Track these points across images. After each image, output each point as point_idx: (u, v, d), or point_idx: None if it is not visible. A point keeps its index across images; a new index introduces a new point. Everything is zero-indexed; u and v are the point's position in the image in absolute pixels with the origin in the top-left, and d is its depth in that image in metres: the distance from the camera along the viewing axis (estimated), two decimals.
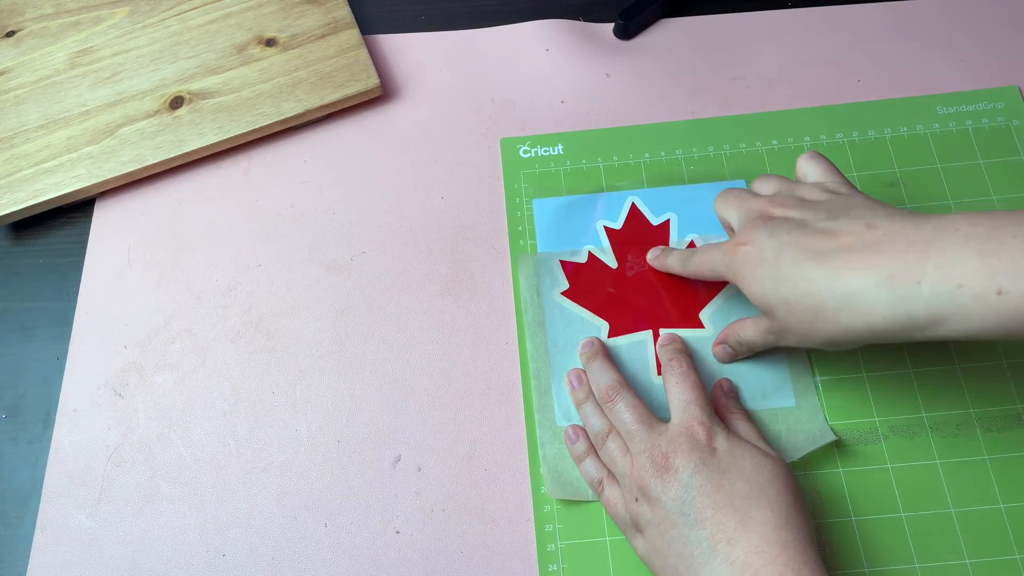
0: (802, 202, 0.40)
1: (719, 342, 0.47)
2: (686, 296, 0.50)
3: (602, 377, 0.45)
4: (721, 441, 0.40)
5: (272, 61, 0.58)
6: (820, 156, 0.44)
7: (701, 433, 0.40)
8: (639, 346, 0.48)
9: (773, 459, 0.40)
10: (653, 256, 0.50)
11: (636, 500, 0.40)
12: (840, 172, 0.43)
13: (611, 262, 0.51)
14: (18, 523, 0.46)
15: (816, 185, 0.42)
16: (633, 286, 0.50)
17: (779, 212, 0.40)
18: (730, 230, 0.44)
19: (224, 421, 0.48)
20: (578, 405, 0.46)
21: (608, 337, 0.49)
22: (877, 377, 0.47)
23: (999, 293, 0.33)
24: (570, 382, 0.47)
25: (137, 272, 0.53)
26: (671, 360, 0.45)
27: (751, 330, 0.44)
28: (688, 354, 0.46)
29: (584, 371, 0.47)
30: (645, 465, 0.40)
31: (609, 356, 0.47)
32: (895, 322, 0.36)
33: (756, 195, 0.43)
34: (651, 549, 0.40)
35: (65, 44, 0.60)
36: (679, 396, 0.43)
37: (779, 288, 0.38)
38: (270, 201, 0.55)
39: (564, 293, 0.50)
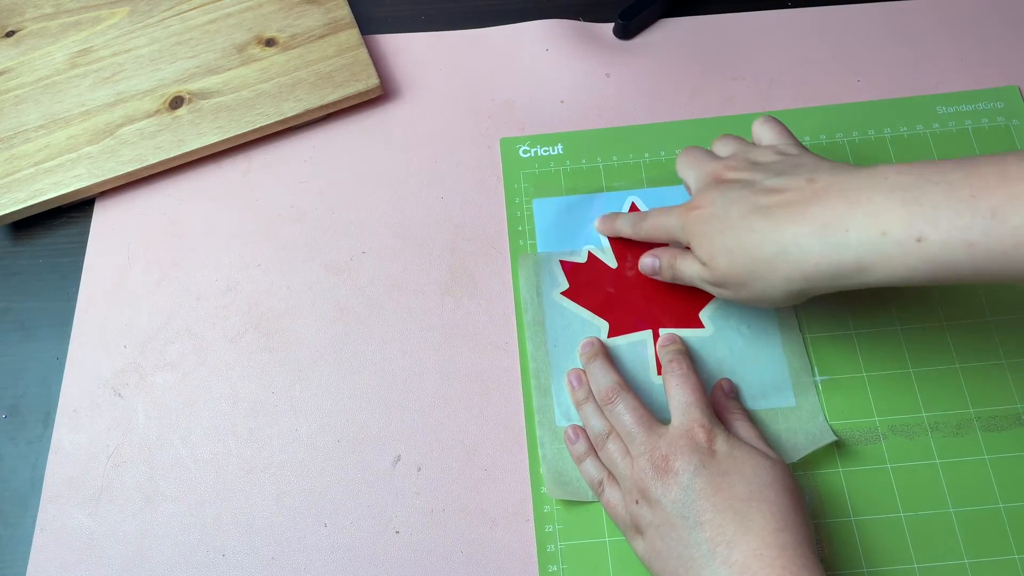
0: (754, 164, 0.42)
1: (652, 254, 0.47)
2: (686, 296, 0.50)
3: (602, 378, 0.45)
4: (721, 443, 0.40)
5: (272, 61, 0.58)
6: (773, 120, 0.46)
7: (701, 435, 0.40)
8: (639, 346, 0.48)
9: (773, 461, 0.40)
10: (599, 222, 0.51)
11: (636, 502, 0.40)
12: (792, 135, 0.45)
13: (611, 262, 0.51)
14: (18, 523, 0.46)
15: (769, 147, 0.43)
16: (633, 286, 0.50)
17: (731, 175, 0.42)
18: (689, 190, 0.46)
19: (224, 421, 0.48)
20: (578, 406, 0.46)
21: (608, 337, 0.49)
22: (877, 377, 0.47)
23: (919, 240, 0.34)
24: (570, 382, 0.47)
25: (137, 272, 0.53)
26: (671, 362, 0.45)
27: (690, 268, 0.44)
28: (688, 355, 0.46)
29: (584, 371, 0.47)
30: (645, 467, 0.40)
31: (609, 357, 0.47)
32: (826, 269, 0.37)
33: (713, 158, 0.45)
34: (651, 551, 0.40)
35: (65, 44, 0.59)
36: (679, 398, 0.43)
37: (724, 237, 0.40)
38: (270, 201, 0.55)
39: (564, 293, 0.50)
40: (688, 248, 0.43)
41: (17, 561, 0.45)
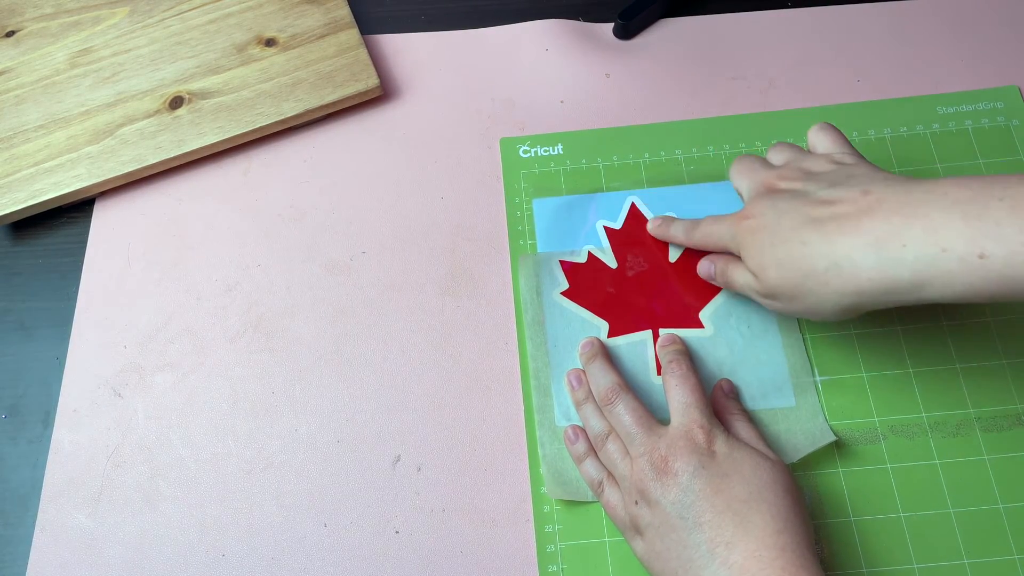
0: (807, 174, 0.41)
1: (709, 259, 0.47)
2: (686, 296, 0.50)
3: (602, 378, 0.45)
4: (721, 444, 0.40)
5: (272, 61, 0.58)
6: (830, 127, 0.45)
7: (700, 436, 0.40)
8: (639, 346, 0.48)
9: (773, 462, 0.40)
10: (655, 225, 0.51)
11: (636, 502, 0.40)
12: (848, 143, 0.44)
13: (611, 262, 0.51)
14: (18, 523, 0.46)
15: (824, 156, 0.43)
16: (633, 286, 0.50)
17: (784, 185, 0.41)
18: (743, 198, 0.45)
19: (224, 421, 0.48)
20: (578, 406, 0.46)
21: (608, 337, 0.49)
22: (877, 377, 0.47)
23: (981, 257, 0.33)
24: (570, 382, 0.47)
25: (137, 272, 0.53)
26: (671, 362, 0.45)
27: (741, 277, 0.43)
28: (688, 356, 0.46)
29: (584, 371, 0.47)
30: (645, 468, 0.40)
31: (609, 357, 0.47)
32: (880, 285, 0.36)
33: (766, 166, 0.44)
34: (650, 551, 0.40)
35: (65, 44, 0.60)
36: (679, 398, 0.43)
37: (776, 250, 0.39)
38: (270, 201, 0.55)
39: (564, 293, 0.50)
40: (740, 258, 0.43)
41: (17, 561, 0.45)
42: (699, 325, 0.49)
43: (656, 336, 0.49)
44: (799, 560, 0.36)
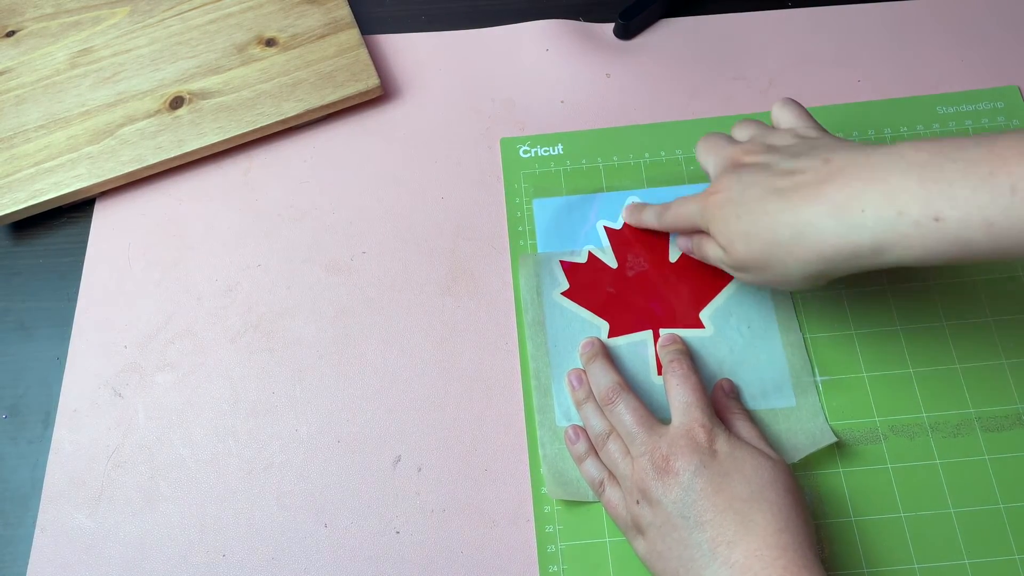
0: (771, 148, 0.42)
1: (686, 235, 0.47)
2: (686, 296, 0.50)
3: (602, 378, 0.45)
4: (722, 443, 0.40)
5: (272, 61, 0.58)
6: (792, 102, 0.45)
7: (702, 435, 0.40)
8: (639, 346, 0.48)
9: (774, 461, 0.40)
10: (628, 213, 0.51)
11: (637, 502, 0.40)
12: (811, 117, 0.44)
13: (611, 262, 0.51)
14: (18, 523, 0.46)
15: (787, 131, 0.43)
16: (633, 286, 0.50)
17: (748, 159, 0.42)
18: (709, 176, 0.45)
19: (224, 421, 0.48)
20: (578, 405, 0.46)
21: (608, 337, 0.49)
22: (877, 377, 0.47)
23: (937, 219, 0.34)
24: (570, 382, 0.47)
25: (137, 272, 0.53)
26: (672, 362, 0.45)
27: (713, 251, 0.44)
28: (689, 355, 0.46)
29: (584, 371, 0.47)
30: (646, 467, 0.40)
31: (609, 357, 0.47)
32: (844, 250, 0.36)
33: (731, 142, 0.44)
34: (652, 551, 0.40)
35: (65, 44, 0.59)
36: (680, 398, 0.43)
37: (741, 222, 0.40)
38: (270, 201, 0.55)
39: (564, 293, 0.50)
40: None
41: (17, 561, 0.45)
42: (699, 325, 0.49)
43: (656, 336, 0.49)
44: (800, 559, 0.36)
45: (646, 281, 0.50)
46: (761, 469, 0.39)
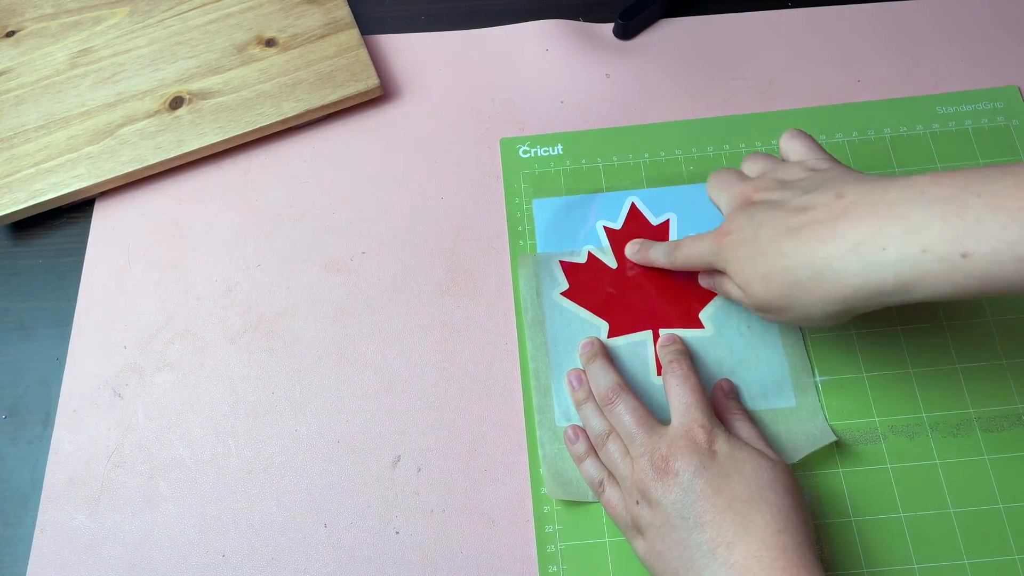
0: (782, 183, 0.41)
1: (707, 274, 0.46)
2: (686, 296, 0.50)
3: (602, 379, 0.45)
4: (722, 444, 0.40)
5: (272, 61, 0.58)
6: (801, 133, 0.45)
7: (701, 436, 0.40)
8: (639, 346, 0.48)
9: (774, 462, 0.40)
10: (633, 251, 0.50)
11: (637, 502, 0.40)
12: (821, 147, 0.43)
13: (611, 262, 0.51)
14: (18, 523, 0.46)
15: (798, 164, 0.42)
16: (633, 286, 0.50)
17: (760, 196, 0.41)
18: (722, 212, 0.45)
19: (224, 421, 0.48)
20: (578, 406, 0.46)
21: (608, 337, 0.49)
22: (877, 377, 0.47)
23: (964, 256, 0.33)
24: (570, 382, 0.47)
25: (137, 272, 0.53)
26: (672, 362, 0.45)
27: (733, 291, 0.43)
28: (689, 356, 0.46)
29: (584, 372, 0.47)
30: (646, 468, 0.40)
31: (609, 357, 0.47)
32: (864, 289, 0.35)
33: (742, 178, 0.44)
34: (651, 551, 0.40)
35: (65, 44, 0.59)
36: (679, 398, 0.43)
37: (757, 264, 0.39)
38: (270, 201, 0.55)
39: (564, 293, 0.50)
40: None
41: (17, 561, 0.45)
42: (699, 325, 0.49)
43: (656, 336, 0.49)
44: (800, 560, 0.36)
45: (646, 281, 0.50)
46: (761, 470, 0.39)
